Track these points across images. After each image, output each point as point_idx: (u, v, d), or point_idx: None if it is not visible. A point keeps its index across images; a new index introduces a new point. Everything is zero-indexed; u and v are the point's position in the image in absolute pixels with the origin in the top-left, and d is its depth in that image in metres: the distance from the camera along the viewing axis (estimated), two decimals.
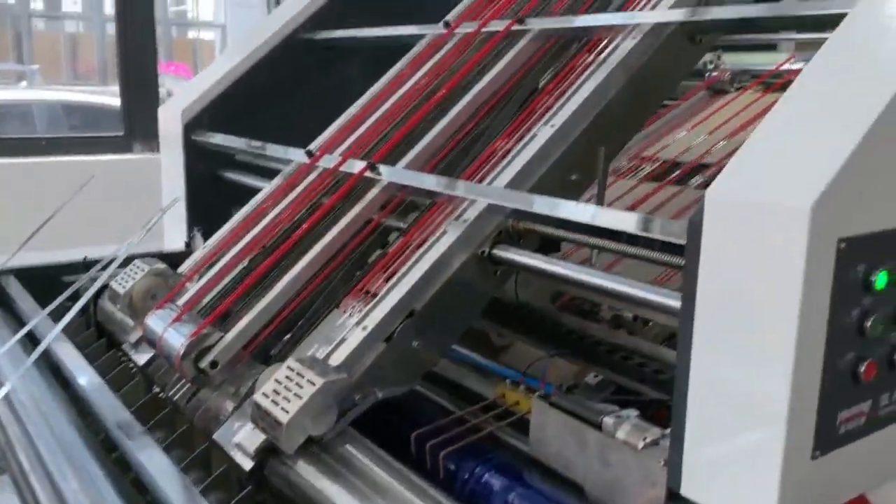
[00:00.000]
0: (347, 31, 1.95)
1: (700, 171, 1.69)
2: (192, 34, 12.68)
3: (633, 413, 0.98)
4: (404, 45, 1.73)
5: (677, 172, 1.70)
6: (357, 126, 1.54)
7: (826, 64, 0.87)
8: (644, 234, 0.93)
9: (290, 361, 1.05)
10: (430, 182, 1.27)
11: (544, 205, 1.09)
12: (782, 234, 0.75)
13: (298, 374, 1.02)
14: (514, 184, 1.22)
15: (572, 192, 1.29)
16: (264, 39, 1.98)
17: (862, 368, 0.81)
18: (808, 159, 0.78)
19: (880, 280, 0.80)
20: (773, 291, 0.76)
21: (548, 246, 1.30)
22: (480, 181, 1.27)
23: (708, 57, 2.34)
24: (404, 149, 1.43)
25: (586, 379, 1.37)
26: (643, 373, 1.18)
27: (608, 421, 0.96)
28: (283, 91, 2.01)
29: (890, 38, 0.85)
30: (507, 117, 1.43)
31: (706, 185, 0.89)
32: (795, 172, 0.77)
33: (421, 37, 1.70)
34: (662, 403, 1.12)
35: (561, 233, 1.13)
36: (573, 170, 1.29)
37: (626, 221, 0.96)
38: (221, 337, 1.22)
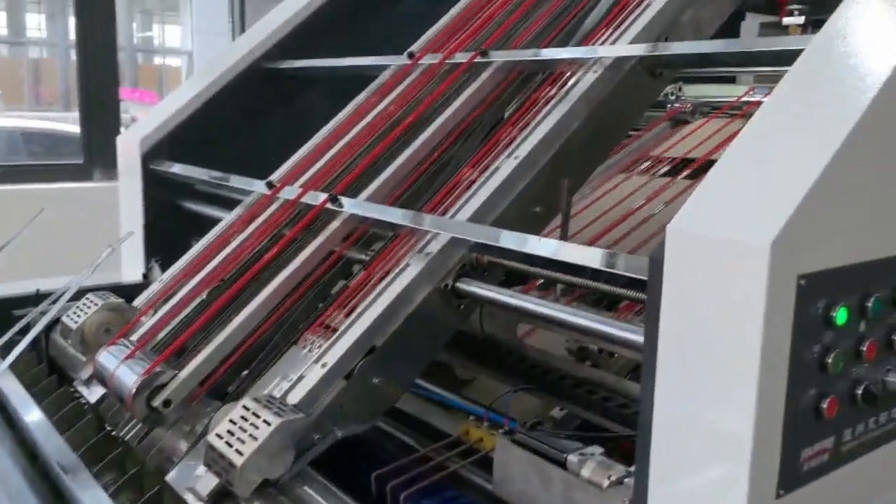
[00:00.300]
0: (311, 60, 1.94)
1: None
2: (158, 61, 12.59)
3: (597, 450, 0.96)
4: (368, 75, 1.72)
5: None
6: (319, 157, 1.53)
7: (785, 100, 0.87)
8: (606, 270, 0.92)
9: (246, 400, 1.02)
10: (392, 215, 1.25)
11: (507, 239, 1.08)
12: (742, 271, 0.75)
13: (254, 413, 0.99)
14: (477, 216, 1.21)
15: (536, 225, 1.28)
16: (226, 68, 1.96)
17: (824, 405, 0.81)
18: (767, 195, 0.77)
19: (840, 316, 0.80)
20: (734, 328, 0.76)
21: (513, 278, 1.29)
22: (444, 212, 1.26)
23: (669, 88, 2.38)
24: (367, 180, 1.42)
25: (552, 413, 1.35)
26: (607, 407, 1.16)
27: (573, 459, 0.94)
28: (246, 120, 1.99)
29: (846, 74, 0.86)
30: (471, 148, 1.42)
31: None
32: (755, 208, 0.77)
33: (385, 67, 1.70)
34: (627, 437, 1.10)
35: (525, 266, 1.11)
36: (537, 202, 1.28)
37: (588, 256, 0.95)
38: (176, 374, 1.18)
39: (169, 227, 1.87)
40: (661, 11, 1.41)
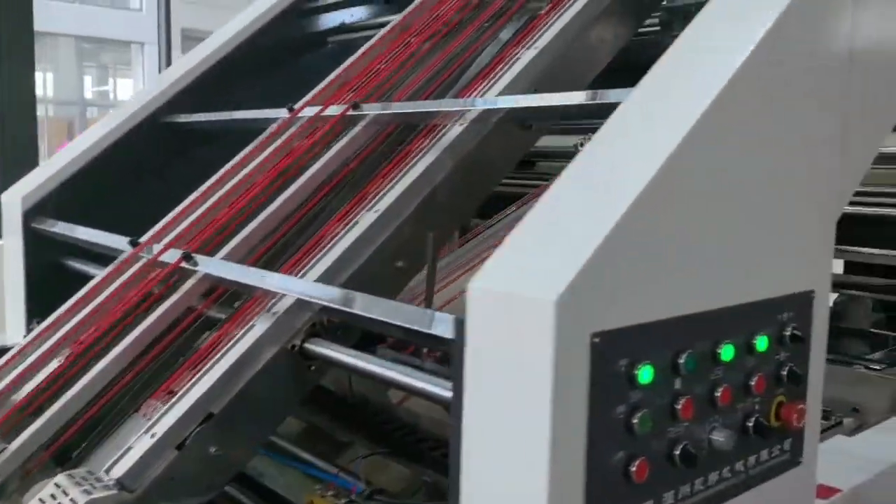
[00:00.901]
0: (204, 114, 1.91)
1: None
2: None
3: None
4: (258, 129, 1.70)
5: None
6: (191, 212, 1.49)
7: (589, 154, 0.86)
8: (417, 329, 0.88)
9: (59, 477, 0.96)
10: (239, 273, 1.21)
11: (341, 299, 1.05)
12: (531, 328, 0.72)
13: (63, 491, 0.92)
14: (331, 272, 1.18)
15: (398, 280, 1.25)
16: (119, 122, 1.92)
17: (633, 467, 0.77)
18: (559, 251, 0.75)
19: (644, 374, 0.77)
20: (526, 387, 0.72)
21: (374, 338, 1.25)
22: (302, 269, 1.22)
23: (579, 140, 2.39)
24: (235, 235, 1.38)
25: (425, 477, 1.29)
26: None
27: None
28: (143, 175, 1.94)
29: (648, 129, 0.85)
30: (341, 203, 1.39)
31: None
32: (546, 265, 0.75)
33: (272, 121, 1.68)
34: None
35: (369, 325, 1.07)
36: (399, 256, 1.25)
37: (404, 315, 0.92)
38: (5, 447, 1.11)
39: (53, 287, 1.80)
40: (531, 64, 1.41)
